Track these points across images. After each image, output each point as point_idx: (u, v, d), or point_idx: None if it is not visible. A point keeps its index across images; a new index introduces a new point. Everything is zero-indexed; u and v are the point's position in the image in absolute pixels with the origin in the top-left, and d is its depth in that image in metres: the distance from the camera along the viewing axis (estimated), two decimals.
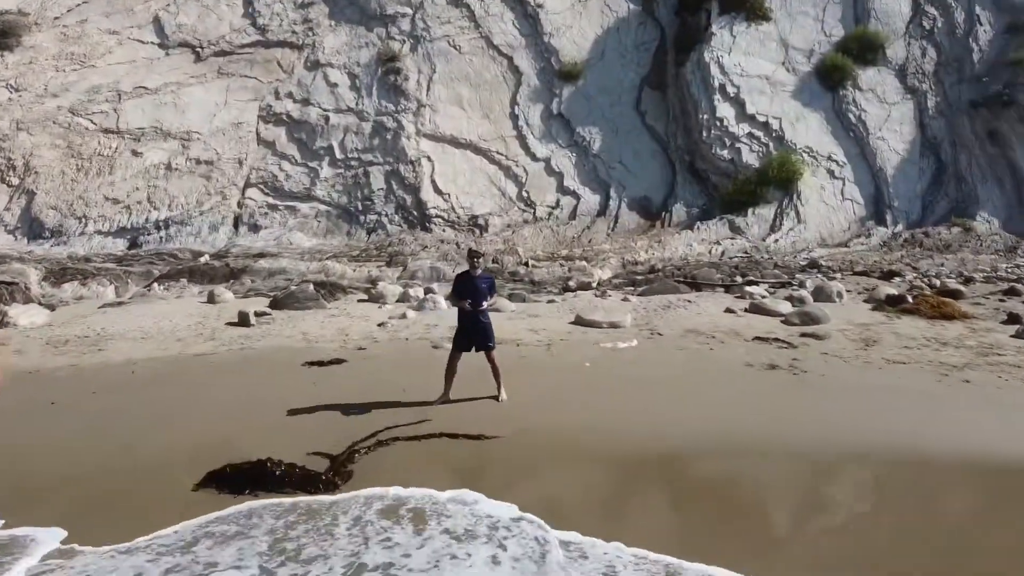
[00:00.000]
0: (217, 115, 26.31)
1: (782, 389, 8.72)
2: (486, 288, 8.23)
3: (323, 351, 11.02)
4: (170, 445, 6.79)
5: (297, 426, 7.29)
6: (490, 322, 8.30)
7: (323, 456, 6.45)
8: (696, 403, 8.08)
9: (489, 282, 8.39)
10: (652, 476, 6.20)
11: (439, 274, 19.17)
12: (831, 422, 7.36)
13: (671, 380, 9.23)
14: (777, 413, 7.68)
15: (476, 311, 8.06)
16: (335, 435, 7.00)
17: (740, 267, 19.88)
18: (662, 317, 14.09)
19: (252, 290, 17.39)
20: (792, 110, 26.68)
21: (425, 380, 9.18)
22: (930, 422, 7.40)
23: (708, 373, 9.56)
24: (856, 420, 7.41)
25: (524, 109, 27.82)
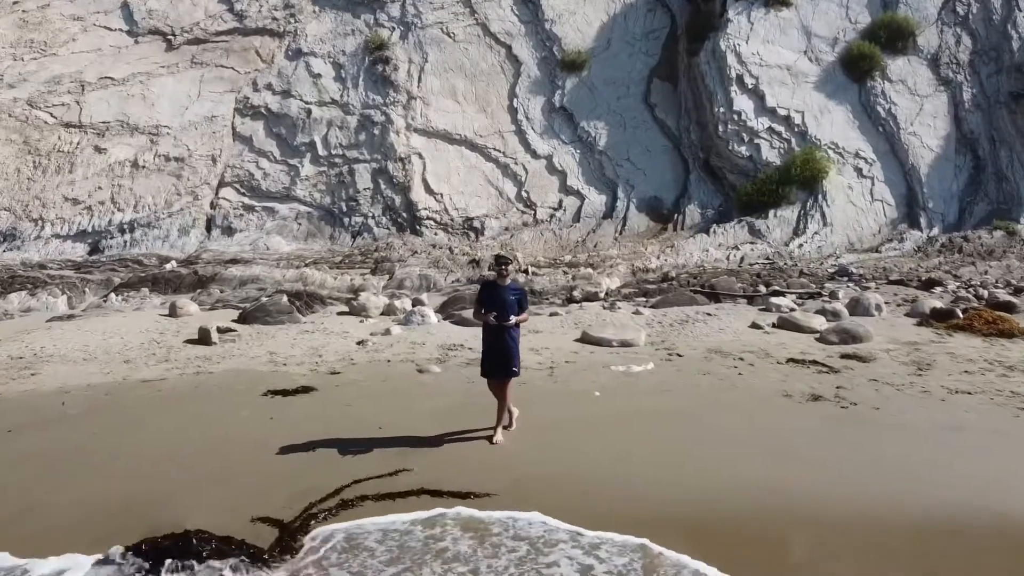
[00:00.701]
0: (189, 108, 25.31)
1: (831, 428, 7.67)
2: (515, 300, 7.31)
3: (290, 376, 9.97)
4: (81, 504, 5.73)
5: (244, 478, 6.23)
6: (517, 343, 7.34)
7: (270, 523, 5.39)
8: (729, 447, 7.02)
9: (519, 294, 7.44)
10: (680, 549, 5.13)
11: (429, 283, 18.13)
12: (900, 475, 6.30)
13: (697, 416, 8.17)
14: (829, 462, 6.62)
15: (501, 325, 7.16)
16: (289, 490, 5.95)
17: (762, 275, 18.84)
18: (680, 334, 13.06)
19: (220, 301, 16.35)
20: (816, 103, 25.69)
21: (406, 413, 8.14)
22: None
23: (740, 406, 8.50)
24: (932, 473, 6.34)
25: (524, 102, 26.85)
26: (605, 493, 5.97)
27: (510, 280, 7.41)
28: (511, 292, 7.31)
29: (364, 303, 14.99)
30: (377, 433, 7.46)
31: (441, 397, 8.92)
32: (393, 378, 9.90)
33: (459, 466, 6.54)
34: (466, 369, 10.40)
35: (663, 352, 11.63)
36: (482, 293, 7.42)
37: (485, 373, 7.39)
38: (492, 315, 7.12)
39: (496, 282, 7.35)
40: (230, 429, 7.62)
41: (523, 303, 7.43)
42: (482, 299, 7.34)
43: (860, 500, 5.74)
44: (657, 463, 6.60)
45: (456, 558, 4.94)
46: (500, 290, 7.27)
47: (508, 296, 7.24)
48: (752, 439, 7.28)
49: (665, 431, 7.58)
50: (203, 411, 8.29)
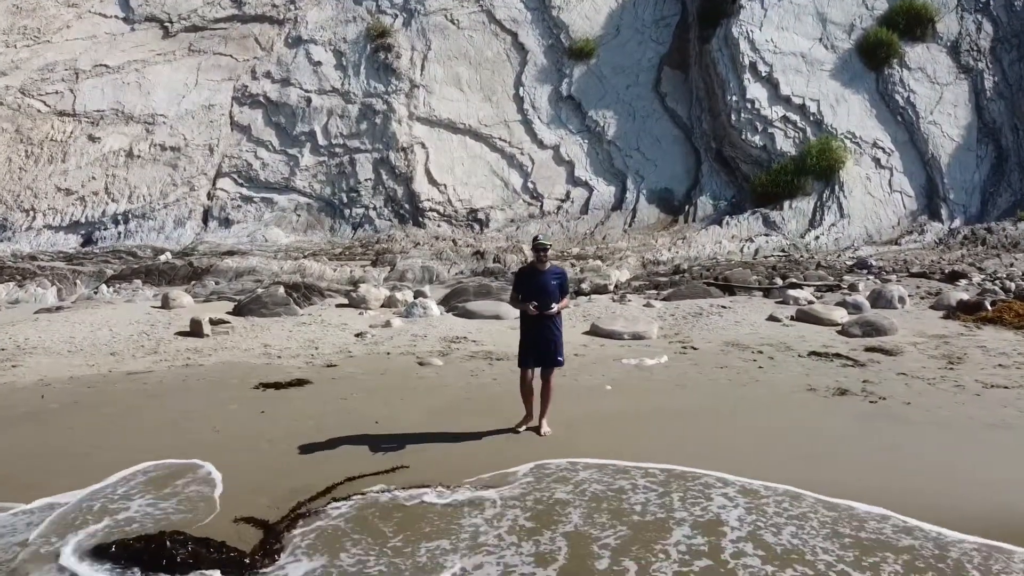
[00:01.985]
0: (186, 97, 24.97)
1: (862, 426, 7.22)
2: (556, 286, 6.84)
3: (284, 369, 9.58)
4: (51, 505, 5.32)
5: (227, 476, 5.82)
6: (561, 332, 6.93)
7: (254, 524, 4.98)
8: (756, 447, 6.59)
9: (560, 277, 6.95)
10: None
11: (432, 275, 17.73)
12: (948, 477, 5.85)
13: (716, 411, 7.74)
14: (866, 463, 6.18)
15: (543, 315, 6.71)
16: (277, 489, 5.54)
17: (778, 268, 18.38)
18: (694, 327, 12.63)
19: (215, 293, 15.99)
20: (832, 91, 25.19)
21: (405, 408, 7.74)
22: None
23: (763, 402, 8.07)
24: (985, 474, 5.89)
25: (530, 91, 26.43)
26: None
27: (549, 265, 6.90)
28: (552, 277, 6.83)
29: (364, 295, 14.59)
30: (374, 428, 7.06)
31: (443, 391, 8.51)
32: (392, 371, 9.50)
33: (460, 463, 6.12)
34: (469, 362, 10.00)
35: (677, 345, 11.21)
36: (519, 280, 6.98)
37: (525, 364, 6.89)
38: (532, 304, 6.67)
39: (535, 267, 6.86)
40: (217, 424, 7.22)
41: (565, 288, 6.97)
42: (520, 287, 6.90)
43: (913, 505, 5.29)
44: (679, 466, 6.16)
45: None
46: (540, 276, 6.80)
47: (549, 282, 6.78)
48: (780, 437, 6.84)
49: (684, 430, 7.15)
50: (189, 405, 7.90)
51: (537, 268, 6.82)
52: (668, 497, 5.37)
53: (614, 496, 5.39)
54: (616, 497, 5.37)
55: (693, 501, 5.29)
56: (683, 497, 5.36)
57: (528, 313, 6.71)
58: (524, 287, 6.85)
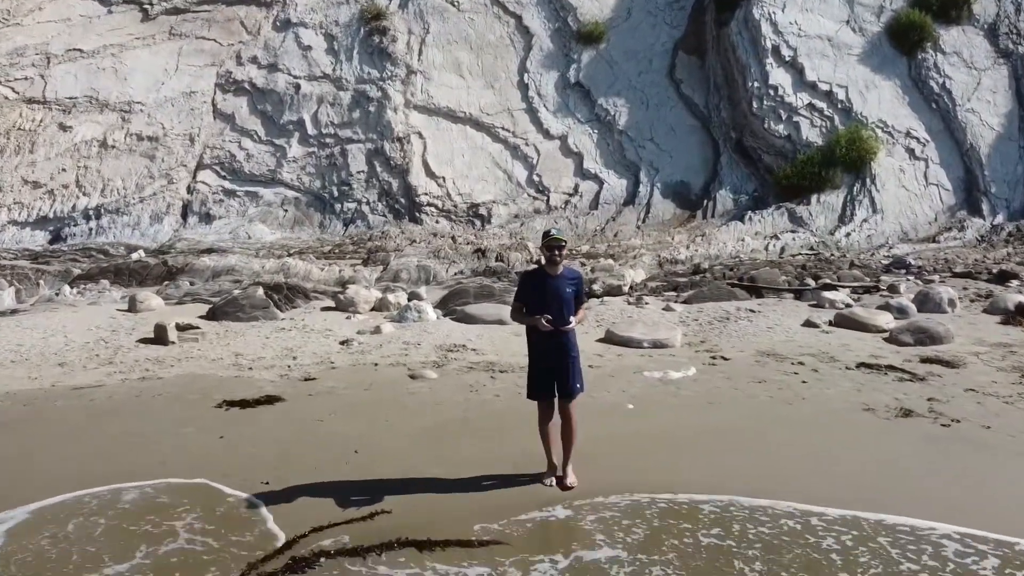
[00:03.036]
0: (166, 83, 24.02)
1: (938, 455, 6.23)
2: (571, 294, 5.58)
3: (255, 383, 8.61)
4: None
5: (163, 524, 4.84)
6: (577, 352, 5.67)
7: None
8: (815, 483, 5.59)
9: (576, 283, 5.67)
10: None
11: (429, 275, 16.76)
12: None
13: (761, 435, 6.75)
14: (955, 503, 5.18)
15: (558, 331, 5.47)
16: (220, 546, 4.56)
17: (808, 267, 17.38)
18: (721, 333, 11.64)
19: (189, 294, 15.02)
20: (861, 77, 24.17)
21: (391, 432, 6.77)
22: None
23: (814, 424, 7.08)
24: None
25: (535, 77, 25.46)
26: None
27: (563, 267, 5.62)
28: (567, 282, 5.55)
29: (352, 297, 13.62)
30: (352, 458, 6.10)
31: (436, 410, 7.53)
32: (379, 386, 8.52)
33: (455, 505, 5.14)
34: (468, 375, 9.02)
35: (704, 355, 10.22)
36: (525, 286, 5.68)
37: (537, 394, 5.63)
38: (544, 318, 5.39)
39: (544, 270, 5.61)
40: (165, 452, 6.25)
41: (581, 295, 5.75)
42: (525, 295, 5.64)
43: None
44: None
45: None
46: (551, 281, 5.52)
47: (563, 288, 5.51)
48: (840, 470, 5.85)
49: (724, 457, 6.17)
50: (136, 428, 6.93)
51: (547, 271, 5.59)
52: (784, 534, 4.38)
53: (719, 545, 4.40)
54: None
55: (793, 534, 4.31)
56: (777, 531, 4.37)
57: (540, 329, 5.42)
58: (531, 295, 5.59)
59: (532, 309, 5.56)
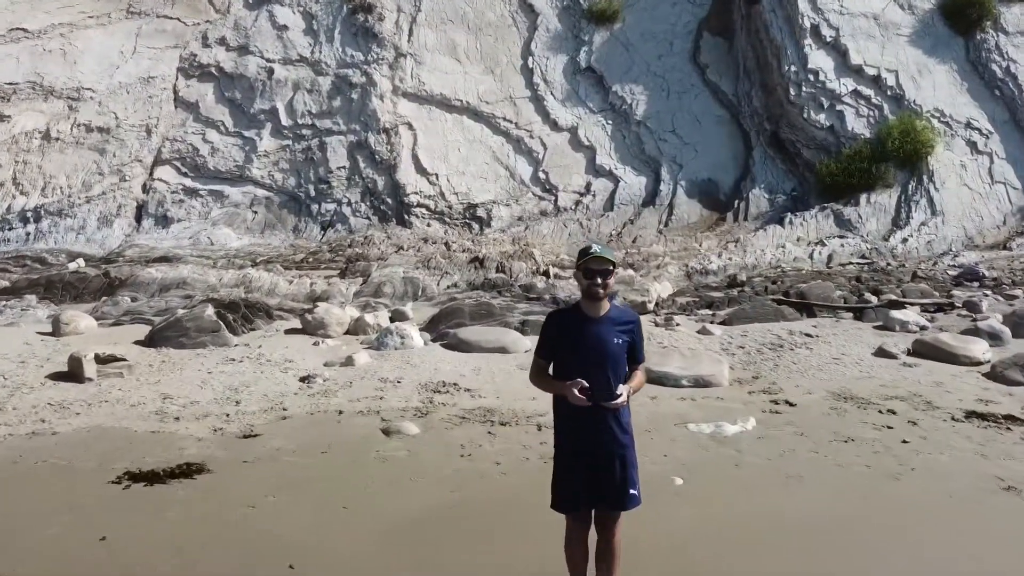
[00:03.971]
0: (121, 67, 22.43)
1: None
2: (623, 346, 3.89)
3: (177, 441, 6.93)
4: None
5: None
6: (632, 438, 3.96)
7: None
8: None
9: (630, 330, 3.96)
10: None
11: (417, 288, 15.09)
12: None
13: (866, 529, 5.05)
14: None
15: (601, 407, 3.78)
16: None
17: (863, 279, 15.72)
18: (776, 365, 9.95)
19: (130, 313, 13.37)
20: (912, 60, 22.59)
21: (347, 525, 5.11)
22: None
23: (937, 511, 5.43)
24: None
25: (541, 61, 23.93)
26: None
27: (611, 305, 3.95)
28: (616, 330, 3.88)
29: (322, 318, 11.93)
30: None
31: (414, 489, 5.85)
32: (341, 446, 6.82)
33: None
34: (460, 428, 7.33)
35: (762, 397, 8.52)
36: (550, 334, 3.96)
37: (570, 505, 3.93)
38: (579, 386, 3.69)
39: (580, 310, 3.94)
40: (13, 566, 4.55)
41: (638, 350, 3.99)
42: (552, 347, 3.95)
43: None
44: None
45: None
46: (591, 328, 3.86)
47: (610, 339, 3.84)
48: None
49: (822, 564, 4.46)
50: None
51: (585, 311, 3.90)
52: None
53: None
54: None
55: None
56: None
57: (573, 402, 3.71)
58: (561, 348, 3.91)
59: (562, 369, 3.90)
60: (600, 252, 3.84)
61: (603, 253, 3.85)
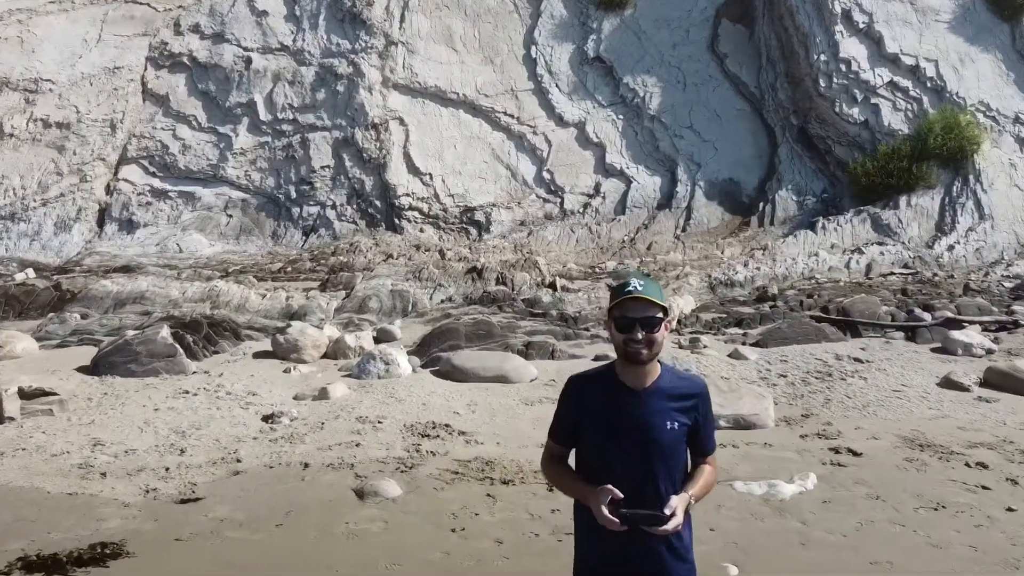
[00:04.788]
0: (84, 57, 21.39)
1: None
2: (678, 434, 2.79)
3: (96, 509, 5.81)
4: None
5: None
6: (691, 572, 2.84)
7: None
8: None
9: (692, 407, 2.83)
10: None
11: (406, 303, 13.95)
12: None
13: None
14: None
15: (639, 529, 2.64)
16: None
17: (909, 292, 14.57)
18: (828, 400, 8.82)
19: (78, 332, 12.25)
20: (953, 48, 21.47)
21: None
22: None
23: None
24: None
25: (545, 50, 22.86)
26: None
27: (663, 368, 2.87)
28: (670, 409, 2.79)
29: (295, 339, 10.79)
30: None
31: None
32: (302, 516, 5.67)
33: None
34: (451, 489, 6.19)
35: (818, 443, 7.38)
36: (570, 410, 2.91)
37: None
38: (607, 495, 2.63)
39: (618, 377, 2.83)
40: None
41: (704, 436, 2.89)
42: (571, 428, 2.90)
43: None
44: None
45: None
46: (634, 405, 2.78)
47: (661, 423, 2.76)
48: None
49: None
50: None
51: (623, 380, 2.80)
52: None
53: None
54: None
55: None
56: None
57: (602, 523, 2.62)
58: (586, 430, 2.85)
59: (589, 463, 2.85)
60: (642, 291, 2.71)
61: (646, 292, 2.71)
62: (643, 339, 2.69)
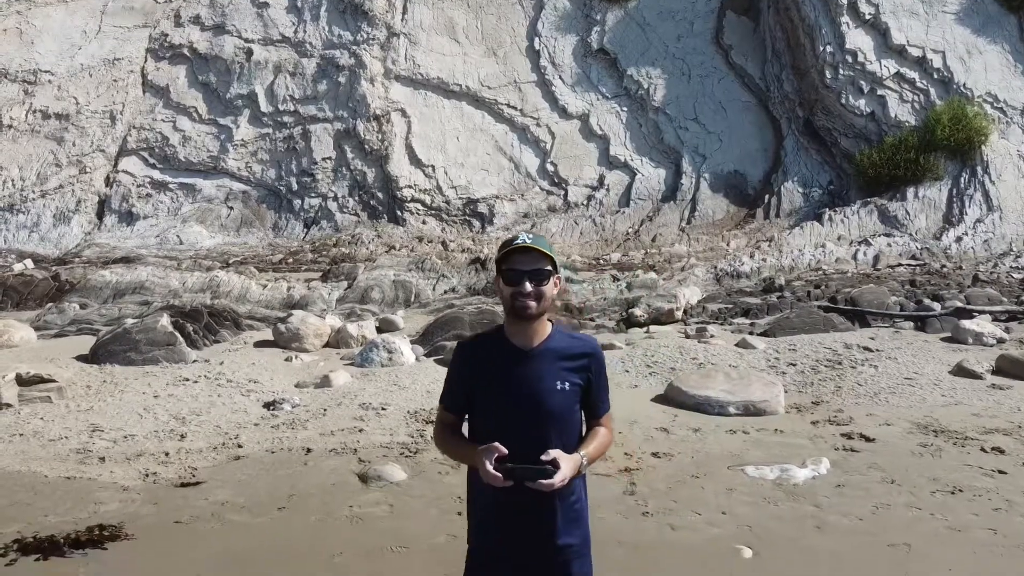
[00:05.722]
0: (83, 48, 21.36)
1: None
2: (569, 394, 2.71)
3: (94, 493, 5.71)
4: None
5: None
6: (584, 539, 2.77)
7: None
8: None
9: (583, 366, 2.75)
10: None
11: (409, 293, 13.84)
12: None
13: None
14: None
15: (530, 494, 2.53)
16: None
17: (918, 283, 14.44)
18: (839, 387, 8.70)
19: (77, 322, 12.16)
20: (960, 40, 21.30)
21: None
22: None
23: None
24: None
25: (548, 42, 22.75)
26: None
27: (553, 327, 2.79)
28: (561, 369, 2.70)
29: (297, 328, 10.70)
30: None
31: (397, 565, 4.60)
32: (304, 500, 5.57)
33: None
34: (456, 473, 6.05)
35: (829, 429, 7.27)
36: (461, 373, 2.80)
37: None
38: (492, 461, 2.49)
39: (506, 338, 2.75)
40: None
41: (597, 397, 2.80)
42: (466, 396, 2.78)
43: None
44: None
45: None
46: (524, 366, 2.69)
47: (550, 384, 2.67)
48: None
49: None
50: None
51: (512, 341, 2.73)
52: None
53: None
54: None
55: None
56: None
57: (486, 479, 2.51)
58: (476, 394, 2.75)
59: (481, 427, 2.73)
60: (531, 242, 2.67)
61: (535, 244, 2.67)
62: (532, 291, 2.62)
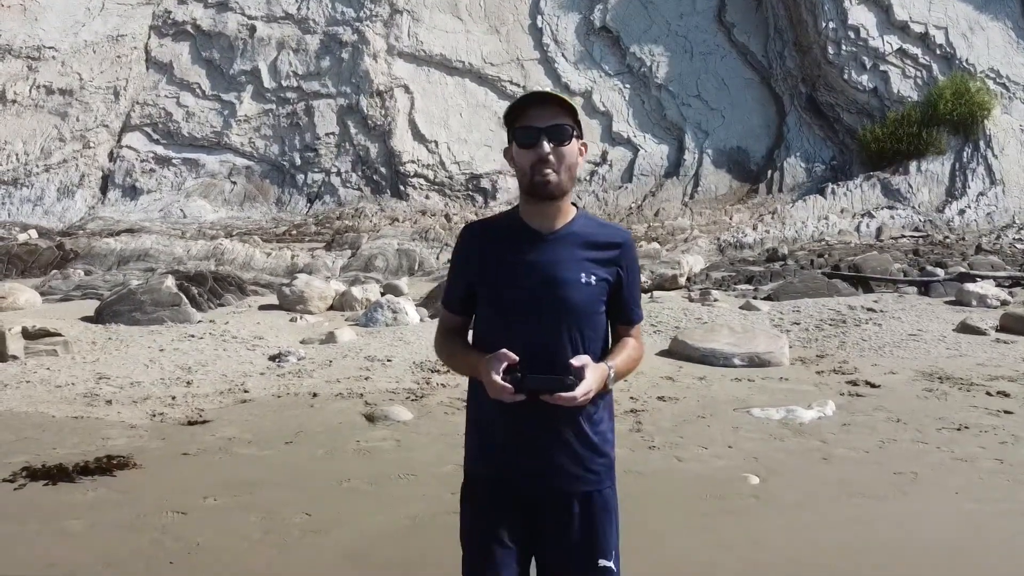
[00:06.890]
0: (87, 25, 21.22)
1: None
2: (594, 289, 2.15)
3: (102, 430, 5.70)
4: None
5: None
6: (609, 467, 2.20)
7: None
8: None
9: (613, 258, 2.18)
10: None
11: (412, 261, 13.83)
12: None
13: None
14: None
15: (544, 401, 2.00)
16: None
17: (921, 252, 14.42)
18: (843, 343, 8.68)
19: (82, 287, 12.16)
20: (963, 16, 21.22)
21: (312, 545, 3.82)
22: None
23: None
24: None
25: (551, 19, 22.61)
26: None
27: (577, 212, 2.21)
28: (585, 258, 2.15)
29: (301, 291, 10.69)
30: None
31: (404, 489, 4.61)
32: (311, 436, 5.56)
33: None
34: (461, 414, 6.00)
35: (835, 378, 7.25)
36: (468, 261, 2.24)
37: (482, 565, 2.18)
38: (503, 362, 2.01)
39: (521, 219, 2.19)
40: None
41: (627, 297, 2.23)
42: (471, 289, 2.23)
43: None
44: None
45: None
46: (541, 251, 2.14)
47: (573, 273, 2.12)
48: None
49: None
50: None
51: (528, 223, 2.18)
52: None
53: None
54: None
55: None
56: None
57: (492, 393, 2.00)
58: (484, 287, 2.20)
59: (486, 328, 2.23)
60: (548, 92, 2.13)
61: (553, 92, 2.15)
62: (549, 156, 2.04)
